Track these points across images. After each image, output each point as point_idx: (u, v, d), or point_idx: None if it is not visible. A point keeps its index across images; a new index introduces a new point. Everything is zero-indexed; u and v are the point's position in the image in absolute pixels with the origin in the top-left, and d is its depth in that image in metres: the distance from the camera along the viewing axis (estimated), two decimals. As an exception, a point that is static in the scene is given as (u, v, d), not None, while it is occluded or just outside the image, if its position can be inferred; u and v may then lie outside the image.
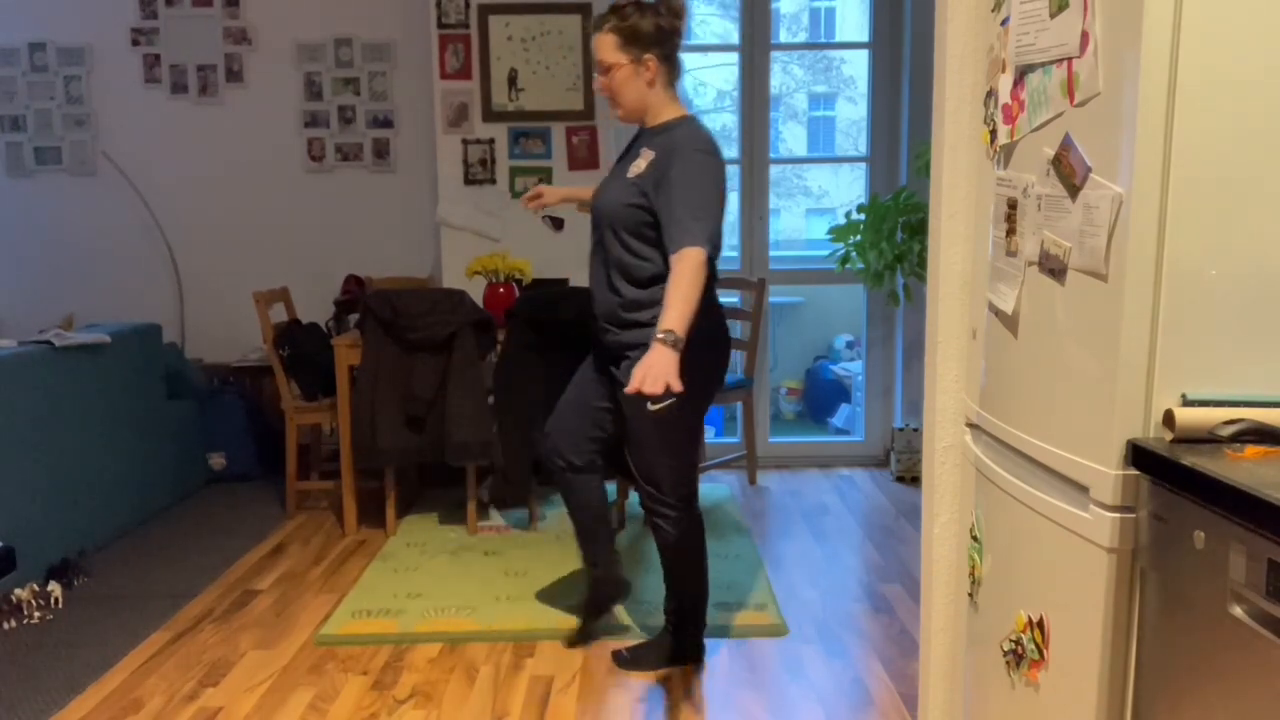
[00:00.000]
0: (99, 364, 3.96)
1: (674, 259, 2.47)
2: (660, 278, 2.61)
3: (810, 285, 6.09)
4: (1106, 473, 1.44)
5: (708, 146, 2.61)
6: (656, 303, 2.60)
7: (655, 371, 2.27)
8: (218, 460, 4.78)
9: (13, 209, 5.11)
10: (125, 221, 5.12)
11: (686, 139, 2.61)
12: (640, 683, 2.86)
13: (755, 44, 4.90)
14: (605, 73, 2.68)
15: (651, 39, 2.64)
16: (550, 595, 3.44)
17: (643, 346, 2.60)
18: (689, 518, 2.80)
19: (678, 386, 2.27)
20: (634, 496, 3.78)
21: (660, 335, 2.32)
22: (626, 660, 2.92)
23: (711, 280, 2.72)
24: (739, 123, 5.01)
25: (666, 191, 2.54)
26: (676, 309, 2.37)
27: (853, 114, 13.17)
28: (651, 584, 3.40)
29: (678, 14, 2.67)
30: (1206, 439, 1.36)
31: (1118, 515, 1.43)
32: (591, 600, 3.07)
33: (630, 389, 2.28)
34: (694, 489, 2.81)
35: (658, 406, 2.57)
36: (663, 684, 2.84)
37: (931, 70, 2.11)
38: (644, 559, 3.74)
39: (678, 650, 2.93)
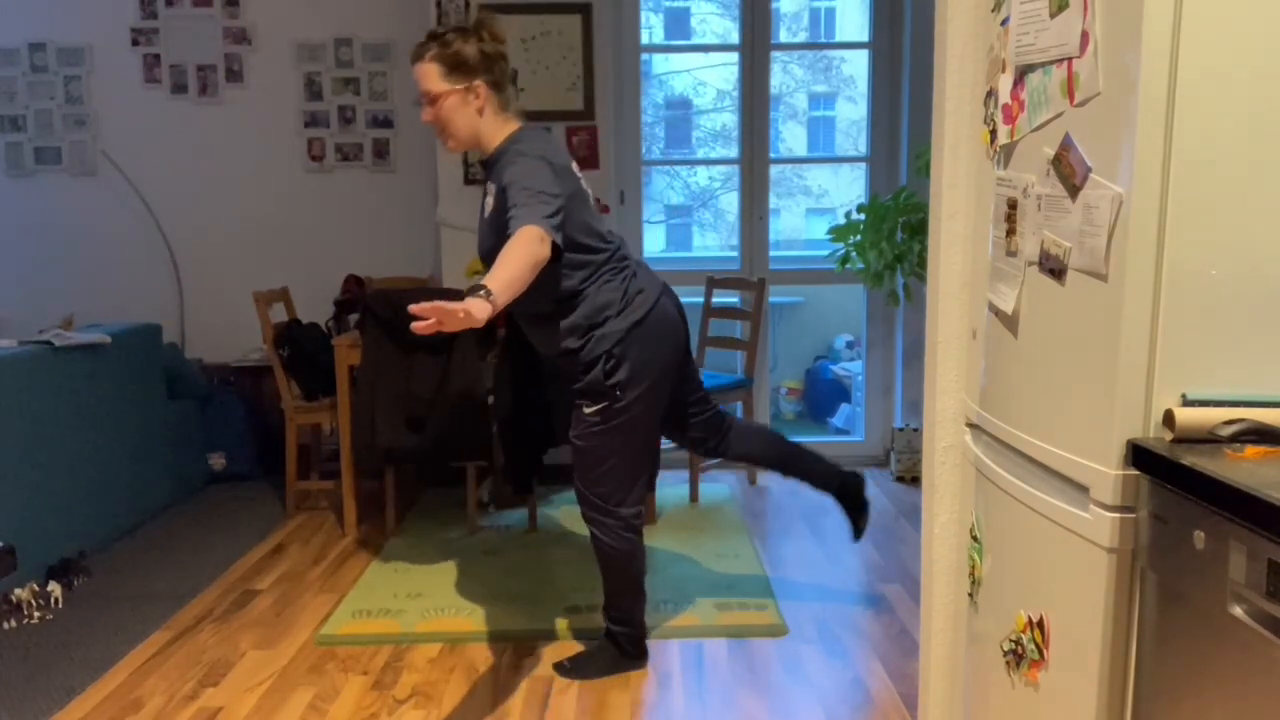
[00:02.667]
0: (99, 364, 3.96)
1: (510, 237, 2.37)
2: (573, 293, 2.65)
3: (810, 285, 6.09)
4: (1106, 473, 1.44)
5: (528, 149, 2.58)
6: (584, 329, 2.66)
7: (454, 310, 2.00)
8: (218, 460, 4.78)
9: (13, 209, 5.11)
10: (125, 221, 5.12)
11: (511, 153, 2.59)
12: (640, 683, 2.86)
13: (755, 44, 4.90)
14: (432, 103, 2.63)
15: (478, 65, 2.61)
16: (550, 595, 3.44)
17: (590, 391, 2.69)
18: (619, 529, 2.80)
19: (467, 325, 2.05)
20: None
21: (481, 290, 2.13)
22: (567, 670, 2.91)
23: (639, 298, 2.73)
24: (739, 123, 5.01)
25: (505, 199, 2.50)
26: (499, 271, 2.21)
27: (853, 114, 13.16)
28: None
29: (500, 39, 2.65)
30: (1206, 439, 1.36)
31: (1118, 515, 1.43)
32: (850, 506, 3.28)
33: (419, 327, 2.01)
34: (626, 504, 2.80)
35: (593, 409, 2.68)
36: (662, 684, 2.84)
37: (931, 70, 2.11)
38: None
39: (618, 658, 2.93)
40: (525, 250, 2.28)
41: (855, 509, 3.27)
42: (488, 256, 2.65)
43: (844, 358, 6.44)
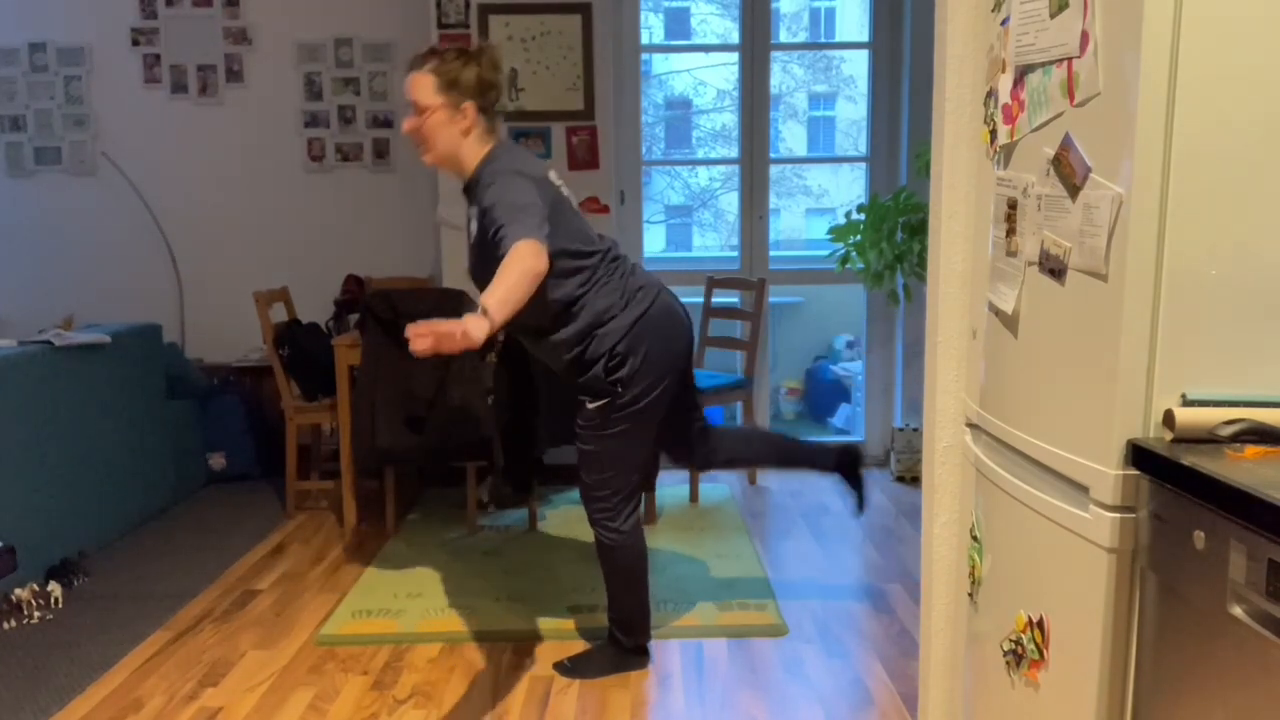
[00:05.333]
0: (99, 364, 3.96)
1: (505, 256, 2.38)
2: (570, 300, 2.65)
3: (810, 285, 6.09)
4: (1106, 473, 1.44)
5: (502, 167, 2.58)
6: (587, 334, 2.66)
7: (450, 330, 2.07)
8: (218, 460, 4.78)
9: (13, 209, 5.11)
10: (125, 221, 5.12)
11: (487, 174, 2.59)
12: (640, 683, 2.86)
13: (755, 44, 4.90)
14: (420, 114, 2.62)
15: (472, 89, 2.61)
16: (550, 595, 3.44)
17: (591, 389, 2.69)
18: (621, 527, 2.81)
19: (465, 345, 2.11)
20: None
21: (480, 308, 2.19)
22: (568, 669, 2.91)
23: (639, 294, 2.73)
24: (739, 122, 5.01)
25: (489, 221, 2.50)
26: (495, 288, 2.25)
27: (853, 114, 13.16)
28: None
29: (498, 67, 2.66)
30: (1206, 439, 1.36)
31: (1118, 515, 1.43)
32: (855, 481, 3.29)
33: (417, 346, 2.07)
34: (627, 500, 2.81)
35: (596, 404, 2.69)
36: (662, 684, 2.84)
37: (931, 70, 2.11)
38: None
39: (619, 658, 2.93)
40: (520, 265, 2.30)
41: (855, 484, 3.27)
42: (477, 279, 2.67)
43: (844, 358, 6.44)
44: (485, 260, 2.55)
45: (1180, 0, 1.34)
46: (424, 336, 2.05)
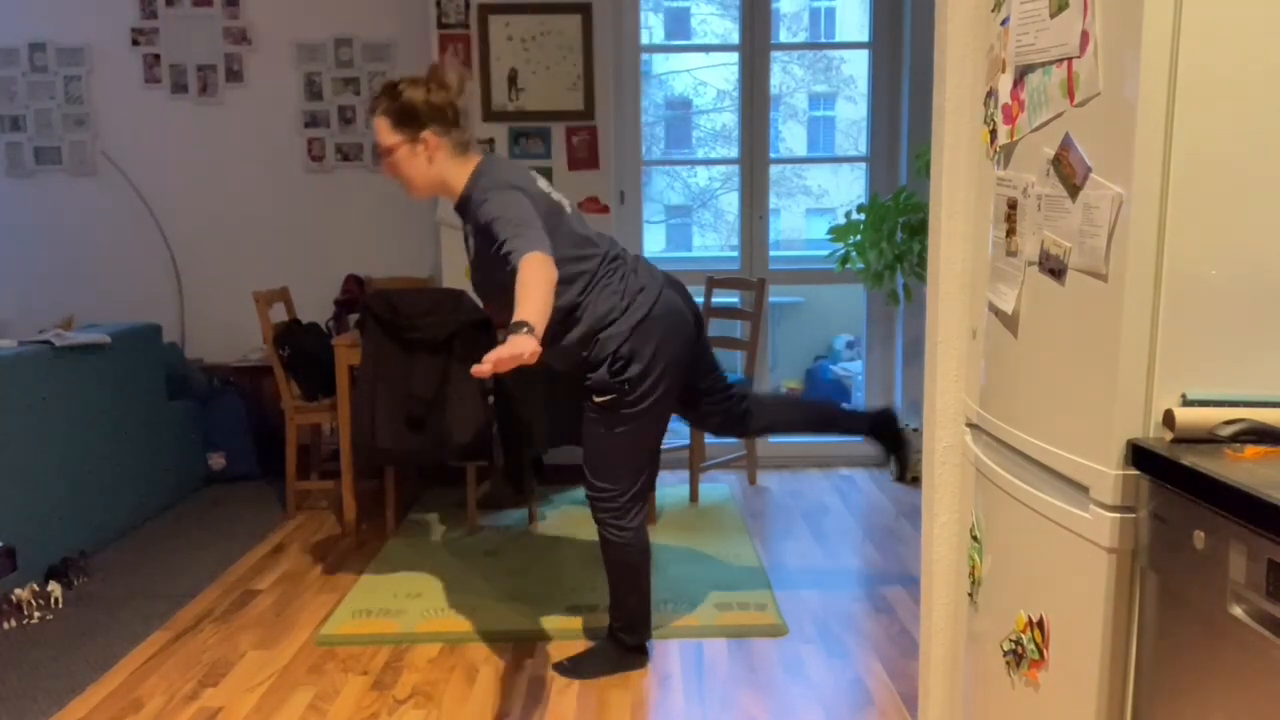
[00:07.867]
0: (99, 364, 3.96)
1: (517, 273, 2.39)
2: (573, 306, 2.66)
3: (810, 285, 6.09)
4: (1106, 473, 1.44)
5: (493, 182, 2.58)
6: (591, 337, 2.67)
7: (506, 353, 2.08)
8: (218, 460, 4.78)
9: (13, 209, 5.11)
10: (125, 221, 5.12)
11: (479, 190, 2.59)
12: (640, 683, 2.86)
13: (755, 44, 4.90)
14: (385, 155, 2.65)
15: (426, 115, 2.61)
16: (550, 595, 3.44)
17: (598, 387, 2.70)
18: (627, 525, 2.81)
19: (523, 363, 2.12)
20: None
21: (524, 328, 2.17)
22: (567, 669, 2.92)
23: (640, 296, 2.74)
24: (739, 123, 5.01)
25: (491, 235, 2.50)
26: (527, 304, 2.25)
27: (853, 114, 13.16)
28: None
29: (446, 86, 2.64)
30: (1206, 439, 1.36)
31: (1118, 515, 1.43)
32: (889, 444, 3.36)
33: (480, 369, 2.08)
34: (634, 499, 2.81)
35: (602, 399, 2.68)
36: (662, 684, 2.84)
37: (931, 70, 2.11)
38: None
39: (619, 657, 2.93)
40: (540, 276, 2.30)
41: (894, 445, 3.31)
42: (484, 294, 2.71)
43: (844, 358, 6.44)
44: (489, 275, 2.58)
45: (1180, 0, 1.34)
46: (485, 367, 2.06)
